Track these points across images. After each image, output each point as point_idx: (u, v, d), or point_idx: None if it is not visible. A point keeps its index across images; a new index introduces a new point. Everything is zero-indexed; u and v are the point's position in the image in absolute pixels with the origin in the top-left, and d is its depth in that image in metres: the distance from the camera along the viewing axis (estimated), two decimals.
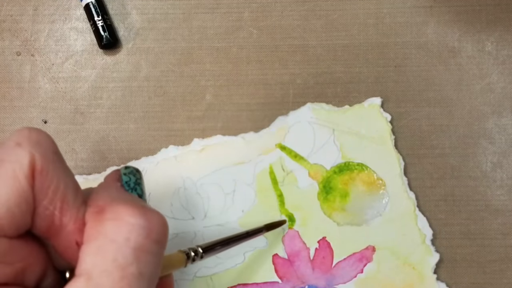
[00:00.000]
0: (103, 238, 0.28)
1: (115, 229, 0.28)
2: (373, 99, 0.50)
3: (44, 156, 0.29)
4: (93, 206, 0.30)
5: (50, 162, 0.29)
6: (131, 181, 0.35)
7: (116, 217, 0.29)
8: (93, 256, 0.28)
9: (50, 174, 0.29)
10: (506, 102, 0.51)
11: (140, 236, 0.28)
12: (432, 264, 0.48)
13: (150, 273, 0.29)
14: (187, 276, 0.48)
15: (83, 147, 0.52)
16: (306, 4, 0.53)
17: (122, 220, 0.28)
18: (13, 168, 0.28)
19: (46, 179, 0.29)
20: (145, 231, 0.29)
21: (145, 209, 0.30)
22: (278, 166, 0.50)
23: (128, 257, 0.28)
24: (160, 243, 0.30)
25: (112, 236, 0.28)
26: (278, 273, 0.48)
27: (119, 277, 0.27)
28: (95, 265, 0.28)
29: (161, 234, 0.30)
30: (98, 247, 0.28)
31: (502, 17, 0.52)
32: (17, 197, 0.28)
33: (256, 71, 0.52)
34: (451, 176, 0.50)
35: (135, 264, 0.28)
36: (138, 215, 0.29)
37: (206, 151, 0.50)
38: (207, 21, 0.53)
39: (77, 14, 0.54)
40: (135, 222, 0.28)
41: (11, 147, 0.29)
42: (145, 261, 0.28)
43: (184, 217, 0.49)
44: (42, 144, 0.30)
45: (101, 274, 0.27)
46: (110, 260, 0.28)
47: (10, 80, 0.53)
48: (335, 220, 0.49)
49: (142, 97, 0.52)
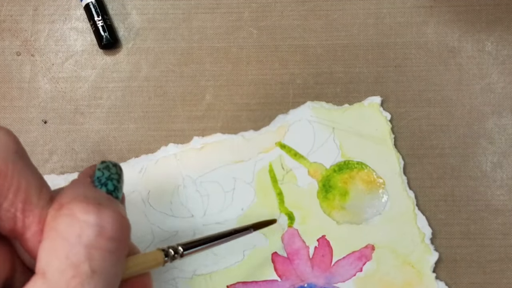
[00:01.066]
0: (56, 236, 0.28)
1: (67, 227, 0.28)
2: (373, 98, 0.50)
3: (2, 158, 0.29)
4: (56, 203, 0.30)
5: (9, 163, 0.29)
6: (104, 176, 0.34)
7: (69, 213, 0.28)
8: (47, 254, 0.27)
9: (9, 176, 0.29)
10: (506, 102, 0.51)
11: (92, 234, 0.28)
12: (431, 263, 0.48)
13: (105, 272, 0.28)
14: (186, 274, 0.48)
15: (83, 147, 0.52)
16: (306, 4, 0.53)
17: (74, 217, 0.28)
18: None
19: (5, 181, 0.29)
20: (97, 228, 0.28)
21: (100, 206, 0.29)
22: (278, 164, 0.50)
23: (80, 255, 0.27)
24: (116, 240, 0.29)
25: (64, 233, 0.28)
26: (278, 272, 0.48)
27: (71, 275, 0.27)
28: (49, 263, 0.27)
29: (116, 231, 0.29)
30: (51, 245, 0.28)
31: (502, 17, 0.52)
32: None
33: (256, 71, 0.52)
34: (451, 176, 0.50)
35: (87, 262, 0.27)
36: (91, 212, 0.28)
37: (206, 149, 0.50)
38: (207, 21, 0.53)
39: (77, 14, 0.54)
40: (86, 219, 0.28)
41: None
42: (98, 259, 0.28)
43: (183, 215, 0.49)
44: (0, 144, 0.29)
45: (55, 272, 0.27)
46: (63, 258, 0.27)
47: (10, 80, 0.53)
48: (335, 219, 0.49)
49: (142, 97, 0.52)
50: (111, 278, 0.29)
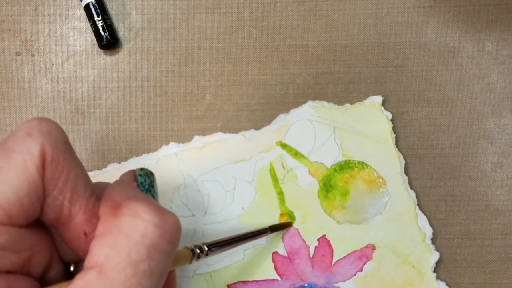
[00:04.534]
0: (118, 233, 0.28)
1: (131, 225, 0.28)
2: (374, 97, 0.50)
3: (55, 146, 0.29)
4: (109, 200, 0.30)
5: (60, 153, 0.29)
6: (146, 182, 0.35)
7: (133, 213, 0.29)
8: (107, 250, 0.28)
9: (61, 165, 0.29)
10: (506, 102, 0.51)
11: (155, 235, 0.28)
12: (432, 263, 0.48)
13: (160, 272, 0.29)
14: (187, 273, 0.48)
15: (83, 147, 0.52)
16: (306, 4, 0.53)
17: (139, 216, 0.29)
18: (24, 159, 0.28)
19: (57, 170, 0.29)
20: (161, 230, 0.29)
21: (162, 209, 0.30)
22: (279, 163, 0.50)
23: (141, 254, 0.28)
24: (172, 243, 0.30)
25: (127, 231, 0.28)
26: (278, 271, 0.48)
27: (131, 273, 0.27)
28: (108, 258, 0.28)
29: (174, 235, 0.30)
30: (112, 241, 0.28)
31: (502, 17, 0.52)
32: (27, 187, 0.28)
33: (256, 71, 0.52)
34: (451, 176, 0.50)
35: (147, 261, 0.28)
36: (155, 213, 0.29)
37: (207, 148, 0.50)
38: (207, 21, 0.53)
39: (77, 14, 0.54)
40: (151, 220, 0.29)
41: (21, 137, 0.29)
42: (157, 260, 0.29)
43: (184, 214, 0.49)
44: (52, 134, 0.30)
45: (114, 268, 0.27)
46: (124, 255, 0.28)
47: (10, 80, 0.53)
48: (335, 218, 0.49)
49: (142, 97, 0.52)
50: (162, 278, 0.30)
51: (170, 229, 0.29)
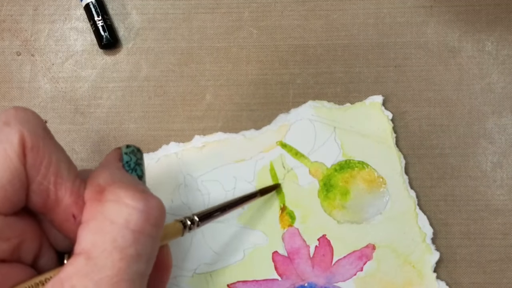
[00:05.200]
0: (103, 219, 0.29)
1: (115, 211, 0.29)
2: (374, 97, 0.50)
3: (33, 132, 0.30)
4: (94, 185, 0.31)
5: (40, 138, 0.30)
6: (132, 161, 0.35)
7: (116, 199, 0.29)
8: (93, 236, 0.28)
9: (41, 150, 0.30)
10: (506, 102, 0.51)
11: (140, 219, 0.29)
12: (432, 263, 0.48)
13: (147, 255, 0.30)
14: (187, 273, 0.48)
15: (83, 147, 0.52)
16: (306, 4, 0.53)
17: (123, 202, 0.29)
18: (4, 148, 0.29)
19: (38, 155, 0.30)
20: (145, 215, 0.29)
21: (146, 193, 0.30)
22: (279, 163, 0.50)
23: (127, 239, 0.28)
24: (157, 226, 0.30)
25: (112, 217, 0.29)
26: (278, 271, 0.48)
27: (118, 257, 0.28)
28: (95, 244, 0.28)
29: (159, 218, 0.30)
30: (97, 228, 0.29)
31: (502, 17, 0.52)
32: (10, 175, 0.29)
33: (256, 71, 0.52)
34: (451, 176, 0.50)
35: (133, 246, 0.29)
36: (139, 198, 0.29)
37: (207, 148, 0.50)
38: (207, 21, 0.53)
39: (77, 14, 0.54)
40: (135, 205, 0.29)
41: (0, 128, 0.29)
42: (143, 243, 0.29)
43: (184, 214, 0.49)
44: (30, 121, 0.30)
45: (101, 254, 0.28)
46: (110, 241, 0.28)
47: (10, 80, 0.53)
48: (335, 218, 0.49)
49: (142, 97, 0.52)
50: (151, 260, 0.30)
51: (154, 213, 0.30)
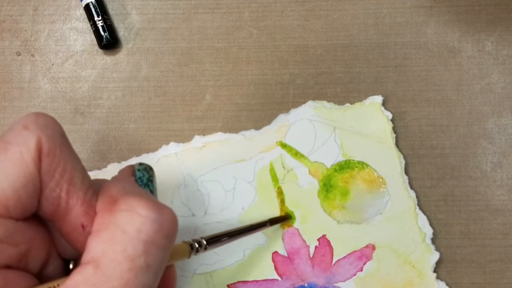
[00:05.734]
0: (115, 228, 0.28)
1: (127, 220, 0.29)
2: (374, 97, 0.50)
3: (51, 138, 0.30)
4: (106, 195, 0.31)
5: (57, 145, 0.30)
6: (144, 177, 0.35)
7: (129, 208, 0.29)
8: (103, 245, 0.28)
9: (57, 157, 0.30)
10: (506, 102, 0.51)
11: (152, 230, 0.29)
12: (432, 263, 0.48)
13: (157, 266, 0.29)
14: (187, 273, 0.48)
15: (83, 147, 0.52)
16: (306, 4, 0.53)
17: (135, 212, 0.29)
18: (20, 151, 0.29)
19: (53, 162, 0.30)
20: (157, 225, 0.29)
21: (158, 204, 0.30)
22: (279, 163, 0.50)
23: (137, 249, 0.28)
24: (169, 238, 0.30)
25: (123, 227, 0.28)
26: (278, 271, 0.48)
27: (127, 267, 0.28)
28: (105, 254, 0.28)
29: (171, 229, 0.30)
30: (109, 237, 0.28)
31: (502, 17, 0.52)
32: (24, 179, 0.29)
33: (256, 71, 0.52)
34: (451, 176, 0.50)
35: (143, 256, 0.28)
36: (151, 208, 0.29)
37: (207, 148, 0.50)
38: (207, 21, 0.53)
39: (77, 14, 0.54)
40: (148, 215, 0.29)
41: (18, 130, 0.29)
42: (153, 255, 0.29)
43: (184, 214, 0.49)
44: (49, 127, 0.30)
45: (110, 263, 0.28)
46: (120, 251, 0.28)
47: (10, 80, 0.53)
48: (335, 218, 0.49)
49: (142, 97, 0.52)
50: (159, 272, 0.30)
51: (167, 224, 0.30)
